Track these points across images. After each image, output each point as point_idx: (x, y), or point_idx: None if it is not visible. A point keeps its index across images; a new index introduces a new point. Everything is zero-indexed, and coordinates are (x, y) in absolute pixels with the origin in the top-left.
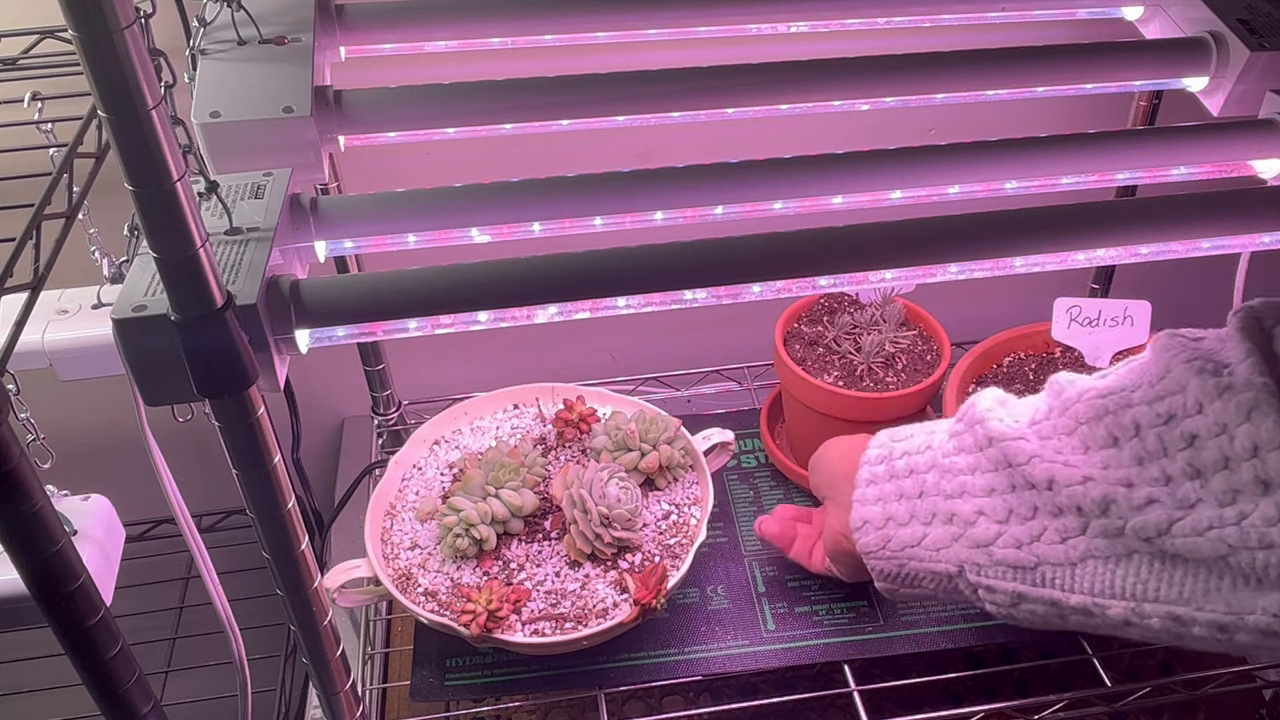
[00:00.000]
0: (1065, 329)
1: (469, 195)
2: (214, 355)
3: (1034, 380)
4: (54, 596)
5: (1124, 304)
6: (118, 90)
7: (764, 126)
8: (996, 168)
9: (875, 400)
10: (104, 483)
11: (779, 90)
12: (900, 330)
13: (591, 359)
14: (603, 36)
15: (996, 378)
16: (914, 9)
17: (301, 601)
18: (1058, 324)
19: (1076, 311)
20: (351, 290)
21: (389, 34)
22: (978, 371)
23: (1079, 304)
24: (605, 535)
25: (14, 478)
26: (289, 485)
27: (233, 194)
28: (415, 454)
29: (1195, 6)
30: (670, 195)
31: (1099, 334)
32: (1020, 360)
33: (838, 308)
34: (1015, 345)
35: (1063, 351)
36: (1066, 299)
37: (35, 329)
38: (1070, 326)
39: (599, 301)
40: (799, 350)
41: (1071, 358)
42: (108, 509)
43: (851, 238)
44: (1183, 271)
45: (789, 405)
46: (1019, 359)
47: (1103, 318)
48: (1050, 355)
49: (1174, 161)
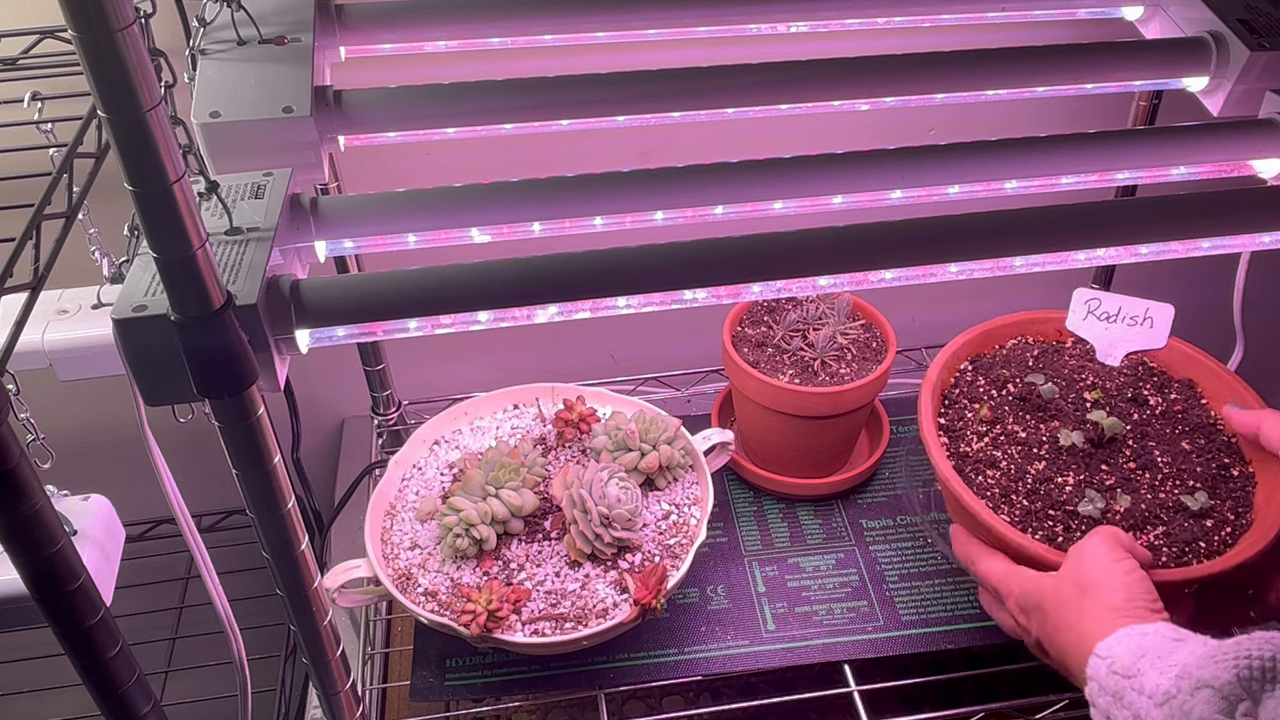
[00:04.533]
0: (1081, 320)
1: (469, 195)
2: (214, 355)
3: (1033, 367)
4: (54, 596)
5: (1146, 304)
6: (118, 90)
7: (764, 126)
8: (996, 168)
9: (837, 394)
10: (104, 483)
11: (779, 90)
12: (847, 322)
13: (591, 359)
14: (603, 36)
15: (993, 360)
16: (914, 9)
17: (301, 601)
18: (1074, 314)
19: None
20: (351, 290)
21: (389, 34)
22: (975, 350)
23: (1099, 296)
24: (605, 535)
25: (14, 478)
26: (289, 485)
27: (233, 194)
28: (415, 454)
29: (1195, 6)
30: (670, 195)
31: (1115, 330)
32: (1025, 345)
33: (777, 307)
34: (1024, 329)
35: (1074, 343)
36: (1087, 290)
37: (35, 329)
38: (1086, 318)
39: (599, 301)
40: (749, 353)
41: (1080, 350)
42: (108, 509)
43: (852, 238)
44: (1183, 271)
45: (743, 407)
46: (1024, 343)
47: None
48: (1060, 344)
49: (1174, 161)
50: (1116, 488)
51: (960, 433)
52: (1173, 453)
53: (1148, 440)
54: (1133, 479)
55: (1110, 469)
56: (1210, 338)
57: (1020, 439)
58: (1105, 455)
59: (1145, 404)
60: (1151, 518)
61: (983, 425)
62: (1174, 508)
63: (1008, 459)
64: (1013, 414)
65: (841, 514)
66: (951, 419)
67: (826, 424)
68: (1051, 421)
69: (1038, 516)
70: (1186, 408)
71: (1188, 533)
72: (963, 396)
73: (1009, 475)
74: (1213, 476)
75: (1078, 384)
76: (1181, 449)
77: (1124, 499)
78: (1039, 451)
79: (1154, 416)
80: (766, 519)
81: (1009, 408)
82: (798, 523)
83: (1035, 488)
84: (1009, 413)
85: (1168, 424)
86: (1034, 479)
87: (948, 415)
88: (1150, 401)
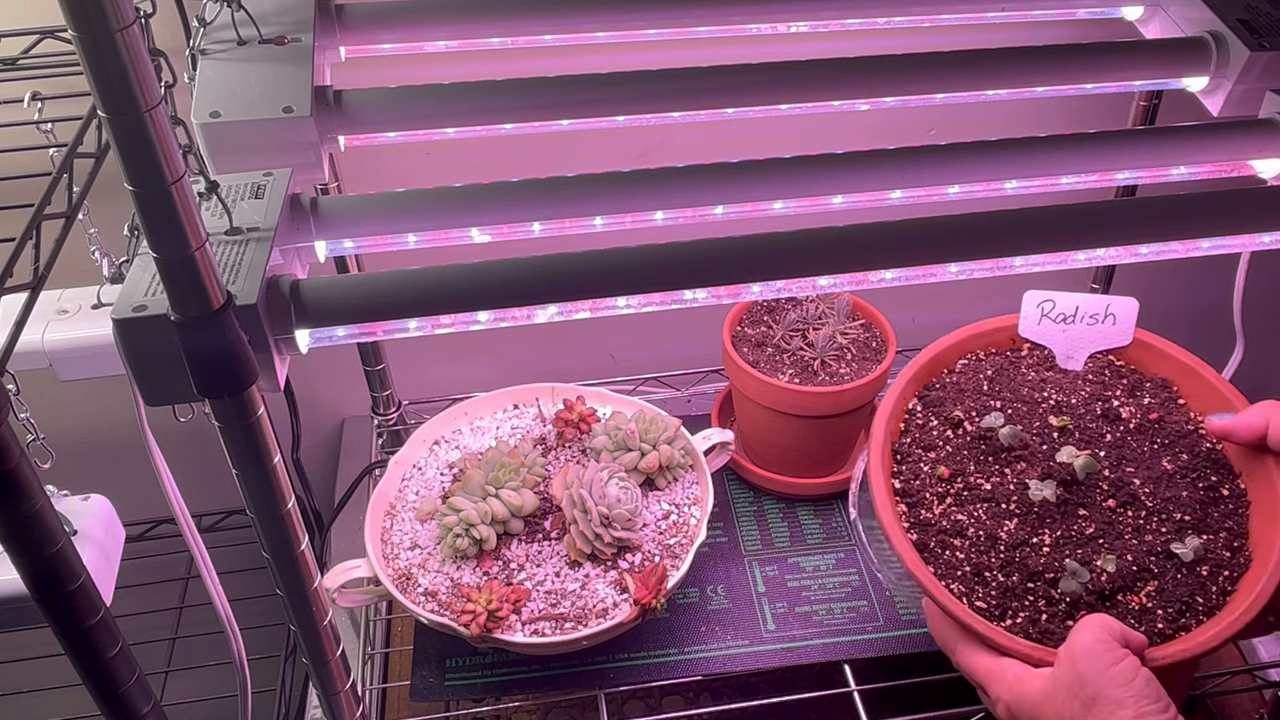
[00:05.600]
0: (1035, 325)
1: (469, 195)
2: (214, 355)
3: (988, 393)
4: (54, 596)
5: (1106, 300)
6: (118, 90)
7: (764, 126)
8: (996, 168)
9: (837, 393)
10: (104, 483)
11: (779, 90)
12: (847, 322)
13: (591, 359)
14: (603, 36)
15: (944, 393)
16: (914, 9)
17: (301, 601)
18: (1026, 319)
19: (1049, 306)
20: (351, 290)
21: (389, 34)
22: (924, 379)
23: (1053, 297)
24: (605, 535)
25: (14, 478)
26: (289, 485)
27: (233, 194)
28: (415, 454)
29: (1195, 6)
30: (670, 195)
31: (1074, 331)
32: (977, 363)
33: (777, 307)
34: (973, 344)
35: (1030, 350)
36: (1038, 292)
37: (35, 329)
38: (1041, 322)
39: (599, 301)
40: (748, 353)
41: (1039, 357)
42: (108, 509)
43: (851, 238)
44: (1183, 271)
45: (743, 407)
46: (975, 361)
47: (1080, 314)
48: (1015, 354)
49: (1174, 161)
50: (1097, 537)
51: (919, 495)
52: (1154, 478)
53: (1125, 466)
54: (1115, 522)
55: (1088, 512)
56: (1210, 338)
57: (985, 494)
58: (1081, 496)
59: (1117, 419)
60: (1141, 572)
61: (942, 484)
62: (1163, 554)
63: (975, 523)
64: (973, 460)
65: (841, 514)
66: (907, 478)
67: (826, 424)
68: (1017, 464)
69: (1016, 594)
70: (1164, 414)
71: (1182, 587)
72: (915, 446)
73: (979, 545)
74: (1201, 502)
75: (1040, 407)
76: (1163, 470)
77: (1108, 560)
78: (1008, 507)
79: (1129, 433)
80: (766, 519)
81: (968, 453)
82: (798, 523)
83: (1010, 556)
84: (968, 459)
85: (1145, 439)
86: (1007, 545)
87: (902, 474)
88: (1123, 414)
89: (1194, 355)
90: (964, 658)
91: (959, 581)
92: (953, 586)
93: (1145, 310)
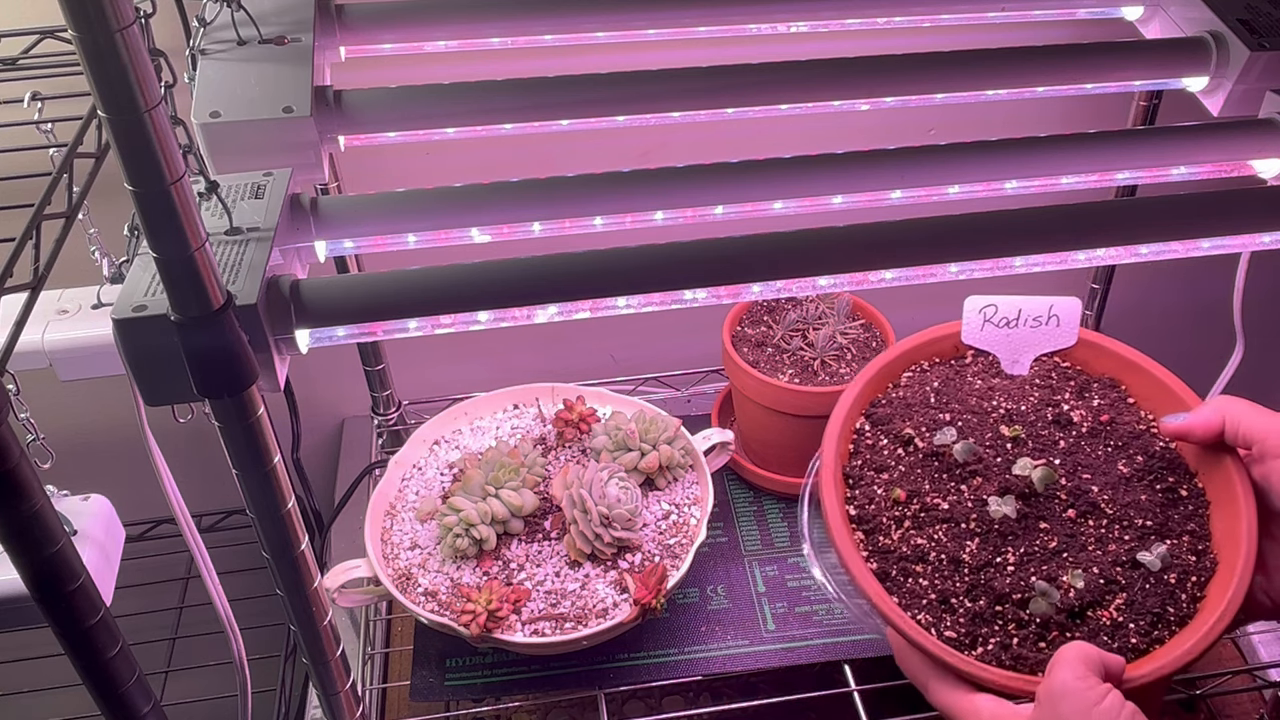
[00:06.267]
0: (978, 331)
1: (469, 195)
2: (214, 355)
3: (935, 405)
4: (54, 596)
5: (1048, 301)
6: (118, 90)
7: (764, 126)
8: (996, 168)
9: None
10: (104, 483)
11: (779, 90)
12: (847, 322)
13: (591, 359)
14: (603, 36)
15: (892, 409)
16: (914, 9)
17: (301, 601)
18: (969, 326)
19: (991, 311)
20: (351, 290)
21: (389, 34)
22: (870, 396)
23: (994, 302)
24: (605, 535)
25: (14, 478)
26: (289, 485)
27: (233, 194)
28: (415, 454)
29: (1195, 6)
30: (670, 195)
31: (1018, 335)
32: (922, 374)
33: (777, 306)
34: (917, 355)
35: (974, 356)
36: (979, 297)
37: (35, 329)
38: (984, 328)
39: (599, 301)
40: (748, 353)
41: (985, 363)
42: (108, 509)
43: (851, 238)
44: (1183, 271)
45: (743, 407)
46: (920, 373)
47: (1023, 317)
48: (960, 361)
49: (1174, 161)
50: (1061, 550)
51: (875, 520)
52: (1112, 483)
53: (1081, 473)
54: (1077, 533)
55: (1050, 525)
56: (1210, 338)
57: (944, 514)
58: (1041, 508)
59: (1069, 424)
60: (1108, 585)
61: (898, 507)
62: (1128, 564)
63: (936, 546)
64: (928, 479)
65: None
66: (862, 503)
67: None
68: (974, 480)
69: (985, 619)
70: (1115, 415)
71: (1152, 597)
72: (867, 468)
73: (942, 570)
74: (1161, 505)
75: (990, 417)
76: (1120, 474)
77: (1075, 576)
78: (969, 526)
79: (1082, 438)
80: (766, 519)
81: (922, 472)
82: (798, 522)
83: (975, 579)
84: (923, 478)
85: (1098, 443)
86: (971, 567)
87: (856, 499)
88: (1074, 418)
89: (1139, 351)
90: (938, 695)
91: (925, 611)
92: (919, 617)
93: (1145, 310)
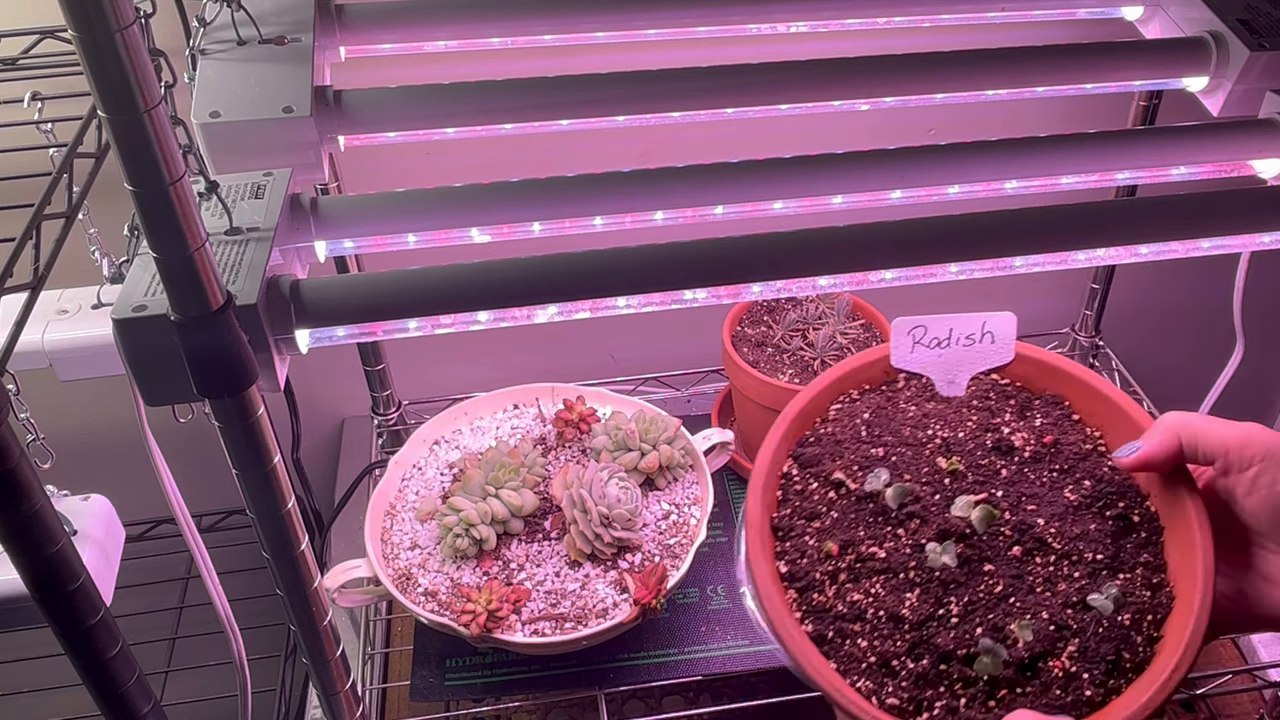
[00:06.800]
0: (908, 354)
1: (469, 195)
2: (214, 355)
3: (868, 437)
4: (54, 596)
5: (981, 318)
6: (118, 90)
7: (764, 126)
8: (996, 168)
9: None
10: (104, 483)
11: (779, 90)
12: (847, 322)
13: (591, 359)
14: (603, 36)
15: (820, 448)
16: (914, 9)
17: (301, 601)
18: (898, 349)
19: (921, 333)
20: (351, 290)
21: (389, 34)
22: (797, 434)
23: (923, 323)
24: (605, 535)
25: (14, 478)
26: (289, 485)
27: (233, 194)
28: (415, 454)
29: (1195, 6)
30: (670, 195)
31: (951, 355)
32: (852, 405)
33: (777, 307)
34: (844, 385)
35: (906, 380)
36: (907, 319)
37: (35, 329)
38: (915, 350)
39: (599, 301)
40: (748, 353)
41: (918, 387)
42: (108, 509)
43: (851, 238)
44: (1183, 271)
45: (743, 407)
46: (849, 404)
47: (955, 336)
48: (892, 386)
49: (1174, 161)
50: (1008, 595)
51: (808, 576)
52: (1059, 514)
53: (1026, 505)
54: (1024, 574)
55: (994, 567)
56: (1210, 338)
57: (881, 564)
58: (984, 549)
59: (1010, 450)
60: (1060, 631)
61: (831, 561)
62: (1080, 604)
63: (874, 602)
64: (862, 525)
65: None
66: (793, 557)
67: None
68: (911, 523)
69: (930, 681)
70: (1059, 436)
71: (1106, 643)
72: (797, 517)
73: (881, 629)
74: (1112, 535)
75: (926, 448)
76: (1067, 503)
77: (1024, 628)
78: (908, 576)
79: (1025, 464)
80: None
81: (856, 517)
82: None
83: (917, 637)
84: (857, 523)
85: (1043, 469)
86: (912, 623)
87: (787, 553)
88: (1015, 443)
89: (1082, 365)
90: None
91: (866, 676)
92: (860, 684)
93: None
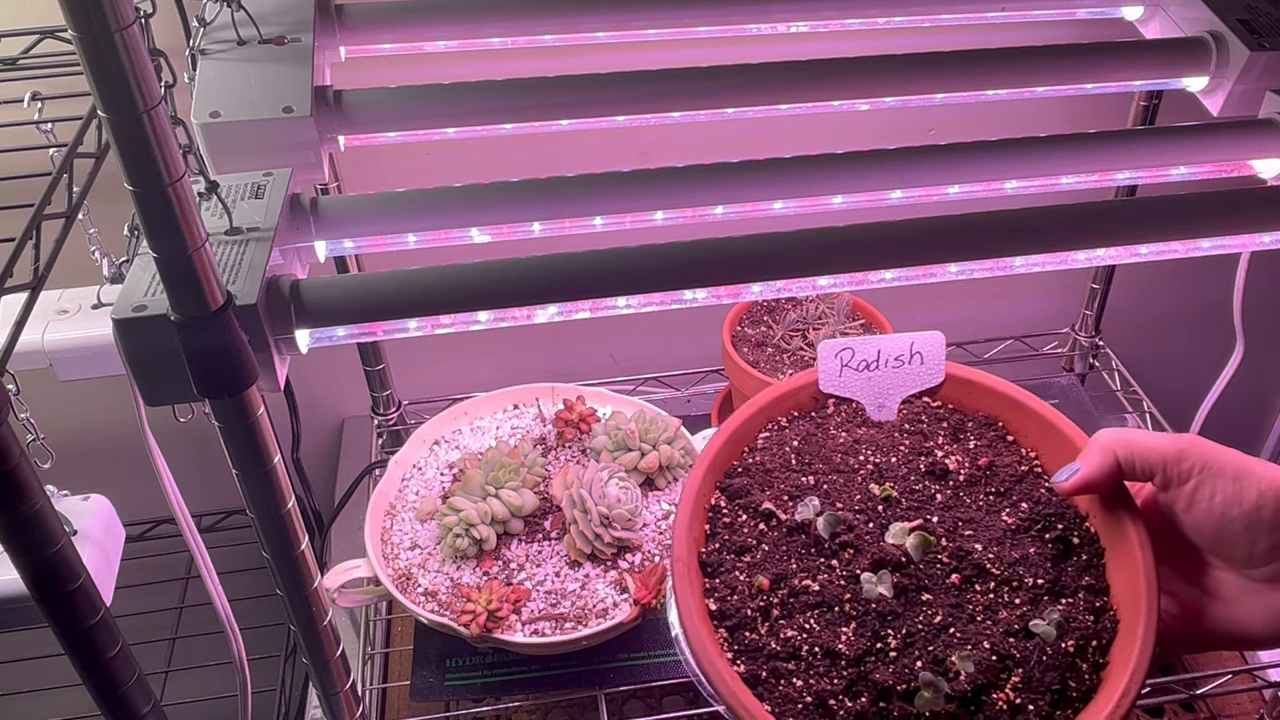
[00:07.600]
0: (836, 378)
1: (469, 195)
2: (214, 355)
3: (798, 465)
4: (54, 596)
5: (909, 338)
6: (118, 90)
7: (764, 126)
8: (996, 168)
9: None
10: (104, 483)
11: (779, 90)
12: (847, 322)
13: (591, 359)
14: (603, 36)
15: (747, 472)
16: (914, 9)
17: (301, 601)
18: (825, 373)
19: (848, 355)
20: (351, 290)
21: (389, 34)
22: (724, 464)
23: (850, 345)
24: (605, 535)
25: (14, 478)
26: (289, 485)
27: (233, 194)
28: (415, 454)
29: (1195, 6)
30: (670, 195)
31: (881, 377)
32: (780, 432)
33: (777, 307)
34: (771, 412)
35: (836, 405)
36: (833, 341)
37: (35, 329)
38: (842, 374)
39: (599, 301)
40: (748, 353)
41: (849, 411)
42: (108, 509)
43: (851, 238)
44: (1183, 271)
45: None
46: (778, 431)
47: (883, 358)
48: (822, 411)
49: (1174, 161)
50: (948, 625)
51: (739, 613)
52: (997, 539)
53: (963, 530)
54: (963, 602)
55: (933, 596)
56: (1210, 338)
57: (815, 597)
58: (921, 578)
59: (945, 474)
60: (1002, 661)
61: (763, 596)
62: (1022, 632)
63: (809, 638)
64: (794, 557)
65: None
66: (723, 594)
67: None
68: (845, 552)
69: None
70: (994, 458)
71: (1050, 672)
72: (726, 552)
73: (817, 667)
74: (1052, 558)
75: (858, 475)
76: (1004, 527)
77: (965, 660)
78: (844, 609)
79: (960, 488)
80: None
81: (787, 549)
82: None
83: (855, 674)
84: (789, 556)
85: (979, 492)
86: (848, 659)
87: (717, 590)
88: (950, 466)
89: (1014, 385)
90: None
91: (802, 718)
92: None
93: (1145, 310)
